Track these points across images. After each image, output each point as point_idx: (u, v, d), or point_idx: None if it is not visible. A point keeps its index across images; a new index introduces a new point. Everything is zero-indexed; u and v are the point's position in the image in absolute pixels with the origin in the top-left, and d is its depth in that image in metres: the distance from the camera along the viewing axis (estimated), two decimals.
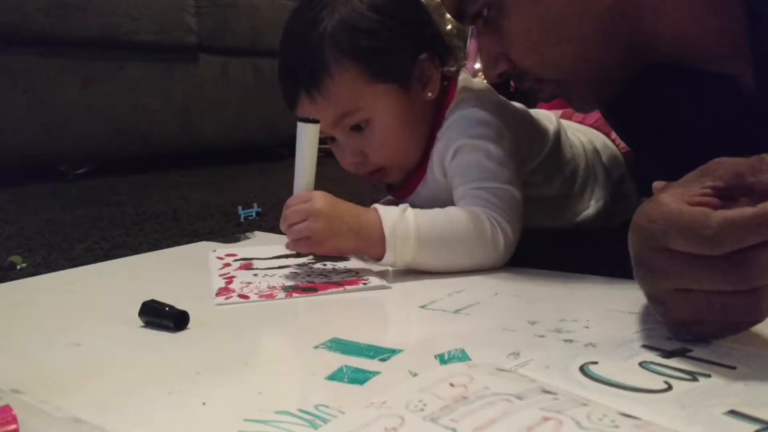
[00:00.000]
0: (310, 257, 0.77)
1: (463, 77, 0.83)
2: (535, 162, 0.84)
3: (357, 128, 0.76)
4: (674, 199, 0.40)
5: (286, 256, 0.77)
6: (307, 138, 0.67)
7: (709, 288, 0.39)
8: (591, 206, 0.89)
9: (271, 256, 0.79)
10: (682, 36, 0.59)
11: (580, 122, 0.99)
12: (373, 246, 0.67)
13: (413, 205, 0.72)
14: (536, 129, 0.86)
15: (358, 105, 0.74)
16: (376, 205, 0.70)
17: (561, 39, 0.61)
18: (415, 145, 0.80)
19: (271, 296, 0.62)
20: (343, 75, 0.73)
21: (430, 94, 0.79)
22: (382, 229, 0.67)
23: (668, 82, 0.65)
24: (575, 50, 0.61)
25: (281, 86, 0.79)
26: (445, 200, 0.77)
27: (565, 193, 0.88)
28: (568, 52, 0.61)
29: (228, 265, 0.76)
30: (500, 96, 0.84)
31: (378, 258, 0.68)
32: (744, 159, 0.41)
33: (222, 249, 0.84)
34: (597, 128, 0.98)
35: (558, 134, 0.88)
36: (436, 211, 0.71)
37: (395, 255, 0.67)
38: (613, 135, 0.97)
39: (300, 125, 0.67)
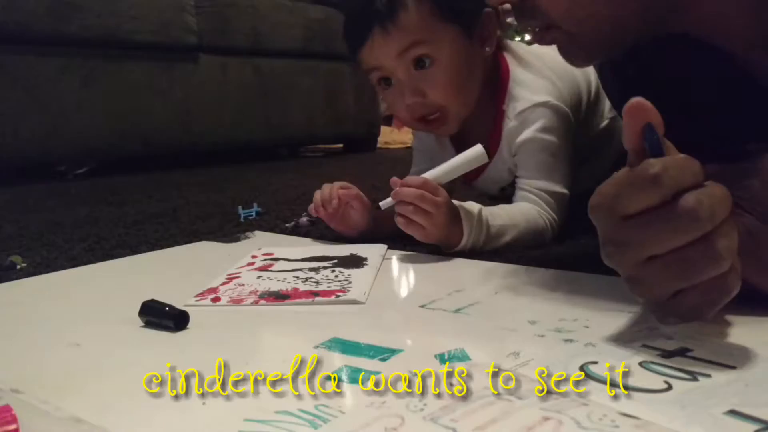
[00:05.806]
0: (333, 261, 0.75)
1: (513, 48, 0.90)
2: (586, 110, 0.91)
3: (420, 64, 0.80)
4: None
5: (317, 259, 0.76)
6: (473, 157, 0.78)
7: (668, 246, 0.40)
8: None
9: (302, 257, 0.78)
10: (715, 15, 0.57)
11: None
12: (451, 238, 0.75)
13: (478, 188, 0.87)
14: (586, 82, 0.92)
15: (427, 37, 0.79)
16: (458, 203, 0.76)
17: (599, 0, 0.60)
18: (471, 94, 0.85)
19: (240, 301, 0.61)
20: (417, 7, 0.78)
21: (488, 49, 0.85)
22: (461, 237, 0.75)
23: (682, 53, 0.63)
24: (608, 13, 0.59)
25: (347, 29, 0.83)
26: (503, 182, 0.90)
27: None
28: (600, 13, 0.59)
29: (251, 263, 0.75)
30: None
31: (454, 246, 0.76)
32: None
33: (266, 248, 0.83)
34: None
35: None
36: (506, 212, 0.80)
37: (471, 242, 0.76)
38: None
39: (478, 146, 0.78)
